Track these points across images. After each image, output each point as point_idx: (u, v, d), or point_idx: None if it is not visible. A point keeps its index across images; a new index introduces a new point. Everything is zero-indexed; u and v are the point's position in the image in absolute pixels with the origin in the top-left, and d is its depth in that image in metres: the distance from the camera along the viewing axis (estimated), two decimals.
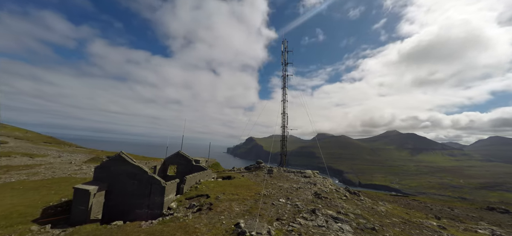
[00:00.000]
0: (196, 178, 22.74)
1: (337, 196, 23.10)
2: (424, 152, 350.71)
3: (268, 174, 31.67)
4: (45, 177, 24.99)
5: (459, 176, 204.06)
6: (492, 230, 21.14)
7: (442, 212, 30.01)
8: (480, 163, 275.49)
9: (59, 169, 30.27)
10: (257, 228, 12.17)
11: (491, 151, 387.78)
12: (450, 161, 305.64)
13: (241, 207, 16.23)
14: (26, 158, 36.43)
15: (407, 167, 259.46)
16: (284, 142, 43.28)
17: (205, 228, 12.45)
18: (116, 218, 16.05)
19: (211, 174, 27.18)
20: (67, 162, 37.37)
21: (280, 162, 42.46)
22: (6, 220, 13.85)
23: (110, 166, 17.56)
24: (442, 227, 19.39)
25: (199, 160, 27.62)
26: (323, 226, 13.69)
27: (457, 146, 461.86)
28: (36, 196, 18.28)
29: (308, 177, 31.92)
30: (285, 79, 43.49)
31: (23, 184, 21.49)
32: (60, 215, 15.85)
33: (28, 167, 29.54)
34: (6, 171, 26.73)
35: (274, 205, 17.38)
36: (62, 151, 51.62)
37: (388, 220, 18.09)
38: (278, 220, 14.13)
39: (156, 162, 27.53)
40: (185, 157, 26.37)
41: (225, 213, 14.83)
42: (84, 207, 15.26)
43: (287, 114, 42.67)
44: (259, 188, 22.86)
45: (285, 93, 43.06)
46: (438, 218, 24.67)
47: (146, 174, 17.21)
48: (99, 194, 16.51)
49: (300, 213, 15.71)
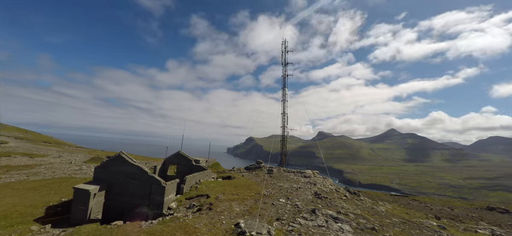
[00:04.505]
0: (196, 178, 22.74)
1: (337, 196, 23.11)
2: (424, 151, 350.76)
3: (268, 174, 31.68)
4: (45, 177, 25.00)
5: (459, 176, 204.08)
6: (492, 230, 21.14)
7: (442, 212, 30.02)
8: (480, 163, 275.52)
9: (59, 169, 30.28)
10: (257, 228, 12.18)
11: (491, 151, 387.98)
12: (450, 161, 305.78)
13: (241, 207, 16.23)
14: (26, 158, 36.45)
15: (407, 167, 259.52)
16: (284, 142, 43.29)
17: (205, 228, 12.46)
18: (116, 218, 16.06)
19: (211, 174, 27.18)
20: (67, 162, 37.37)
21: (280, 162, 42.47)
22: (6, 220, 13.86)
23: (110, 166, 17.56)
24: (442, 227, 19.40)
25: (199, 160, 27.63)
26: (323, 226, 13.70)
27: (457, 146, 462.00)
28: (36, 196, 18.28)
29: (308, 177, 31.93)
30: (285, 79, 43.51)
31: (23, 184, 21.49)
32: (60, 215, 15.86)
33: (28, 167, 29.55)
34: (6, 171, 26.75)
35: (274, 205, 17.39)
36: (62, 151, 51.63)
37: (388, 220, 18.10)
38: (278, 220, 14.13)
39: (156, 162, 27.54)
40: (185, 157, 26.38)
41: (225, 213, 14.84)
42: (84, 207, 15.27)
43: (287, 114, 42.69)
44: (259, 188, 22.86)
45: (285, 93, 43.07)
46: (438, 218, 24.67)
47: (146, 174, 17.22)
48: (99, 194, 16.52)
49: (300, 213, 15.71)
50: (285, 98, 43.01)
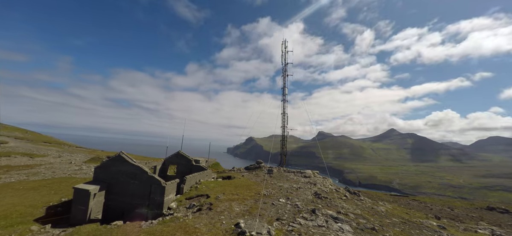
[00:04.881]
0: (196, 178, 22.74)
1: (337, 196, 23.11)
2: (424, 151, 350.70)
3: (268, 174, 31.68)
4: (45, 177, 24.99)
5: (459, 176, 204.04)
6: (492, 230, 21.13)
7: (442, 212, 30.01)
8: (480, 163, 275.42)
9: (59, 169, 30.28)
10: (257, 228, 12.18)
11: (491, 151, 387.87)
12: (450, 161, 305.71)
13: (241, 207, 16.23)
14: (26, 158, 36.44)
15: (407, 167, 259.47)
16: (284, 142, 43.29)
17: (205, 228, 12.46)
18: (116, 218, 16.06)
19: (211, 174, 27.18)
20: (67, 162, 37.37)
21: (280, 162, 42.46)
22: (6, 220, 13.86)
23: (110, 166, 17.57)
24: (442, 227, 19.40)
25: (199, 160, 27.64)
26: (323, 226, 13.70)
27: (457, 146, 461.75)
28: (36, 196, 18.28)
29: (308, 177, 31.93)
30: (285, 79, 43.51)
31: (23, 184, 21.49)
32: (60, 215, 15.86)
33: (28, 167, 29.55)
34: (6, 171, 26.75)
35: (274, 205, 17.39)
36: (62, 151, 51.63)
37: (388, 220, 18.10)
38: (278, 220, 14.13)
39: (156, 162, 27.54)
40: (185, 157, 26.38)
41: (225, 213, 14.84)
42: (84, 207, 15.27)
43: (287, 114, 42.69)
44: (259, 188, 22.86)
45: (285, 93, 43.07)
46: (438, 218, 24.66)
47: (146, 174, 17.22)
48: (99, 194, 16.52)
49: (300, 213, 15.72)
50: (285, 98, 43.03)
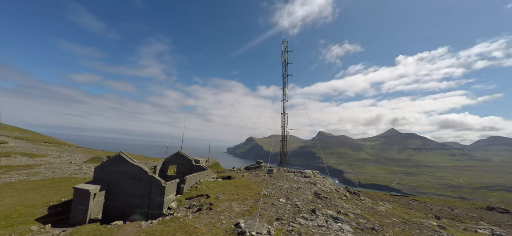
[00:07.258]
0: (196, 178, 22.75)
1: (337, 196, 23.11)
2: (424, 152, 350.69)
3: (268, 174, 31.68)
4: (45, 177, 24.99)
5: (459, 176, 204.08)
6: (492, 230, 21.13)
7: (442, 212, 30.00)
8: (480, 163, 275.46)
9: (59, 169, 30.27)
10: (257, 228, 12.18)
11: (491, 151, 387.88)
12: (450, 161, 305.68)
13: (241, 207, 16.24)
14: (26, 158, 36.44)
15: (407, 167, 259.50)
16: (284, 142, 43.30)
17: (205, 228, 12.46)
18: (116, 218, 16.07)
19: (211, 174, 27.18)
20: (67, 162, 37.37)
21: (280, 162, 42.48)
22: (6, 220, 13.86)
23: (110, 166, 17.57)
24: (442, 227, 19.40)
25: (199, 160, 27.65)
26: (323, 226, 13.70)
27: (457, 146, 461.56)
28: (36, 196, 18.28)
29: (308, 177, 31.93)
30: (285, 79, 43.53)
31: (23, 184, 21.49)
32: (60, 215, 15.86)
33: (28, 167, 29.55)
34: (6, 171, 26.75)
35: (274, 205, 17.39)
36: (62, 151, 51.63)
37: (388, 220, 18.10)
38: (278, 220, 14.13)
39: (156, 162, 27.53)
40: (185, 157, 26.38)
41: (225, 213, 14.84)
42: (84, 207, 15.27)
43: (287, 114, 42.71)
44: (259, 188, 22.87)
45: (285, 93, 43.08)
46: (438, 218, 24.66)
47: (146, 174, 17.22)
48: (99, 194, 16.52)
49: (300, 213, 15.72)
50: (285, 98, 43.04)
